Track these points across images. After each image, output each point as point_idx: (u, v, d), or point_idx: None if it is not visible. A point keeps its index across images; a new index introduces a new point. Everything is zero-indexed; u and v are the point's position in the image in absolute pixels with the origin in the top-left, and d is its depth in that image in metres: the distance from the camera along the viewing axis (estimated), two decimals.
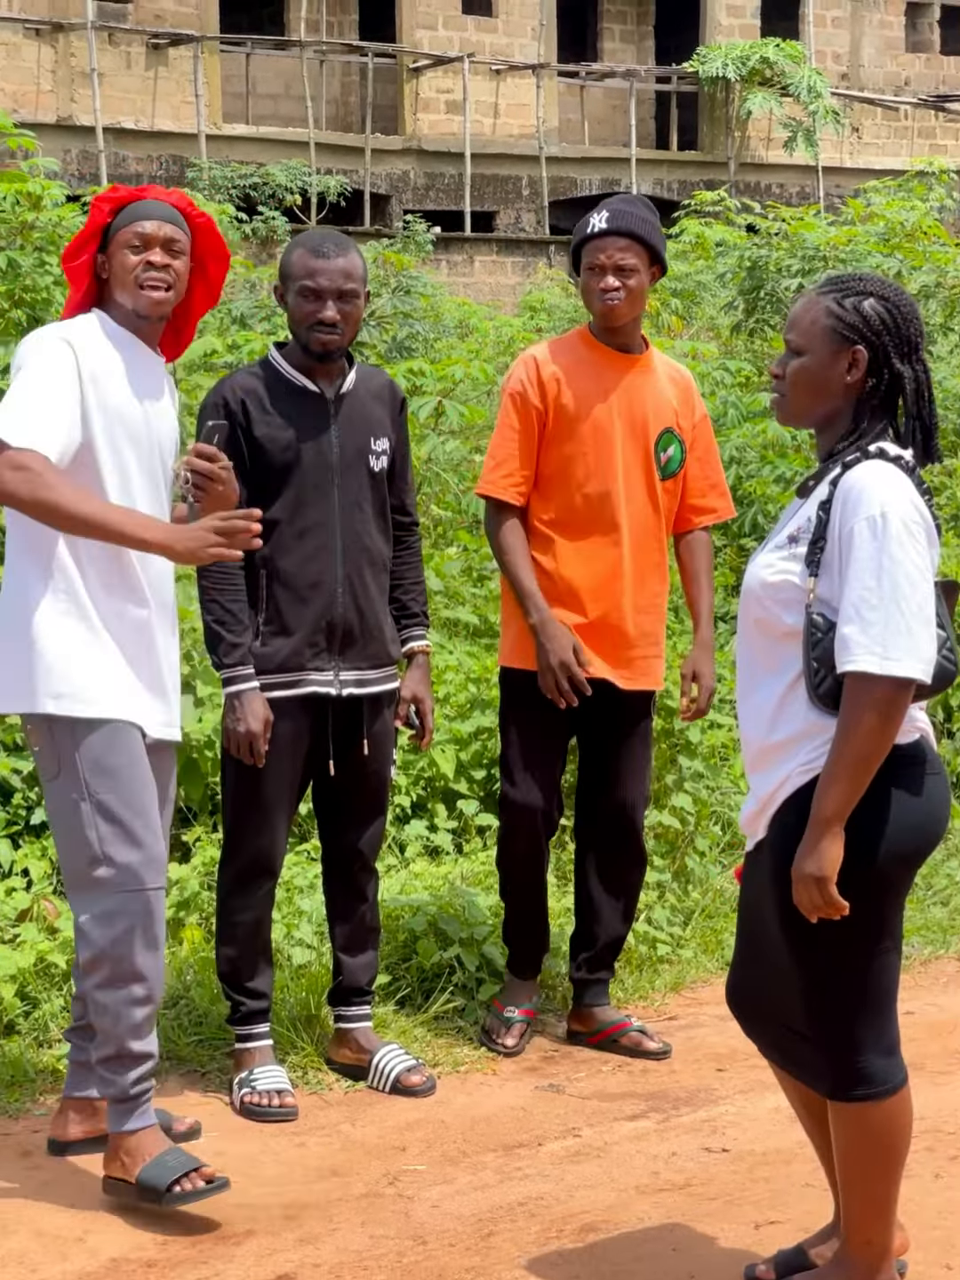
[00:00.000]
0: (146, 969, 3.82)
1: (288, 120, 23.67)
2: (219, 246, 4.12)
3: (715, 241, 14.21)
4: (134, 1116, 3.86)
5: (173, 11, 22.13)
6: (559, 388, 4.78)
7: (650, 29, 27.48)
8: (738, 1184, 4.08)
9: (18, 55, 20.84)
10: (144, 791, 3.85)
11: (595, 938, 5.03)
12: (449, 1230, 3.84)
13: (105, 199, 3.99)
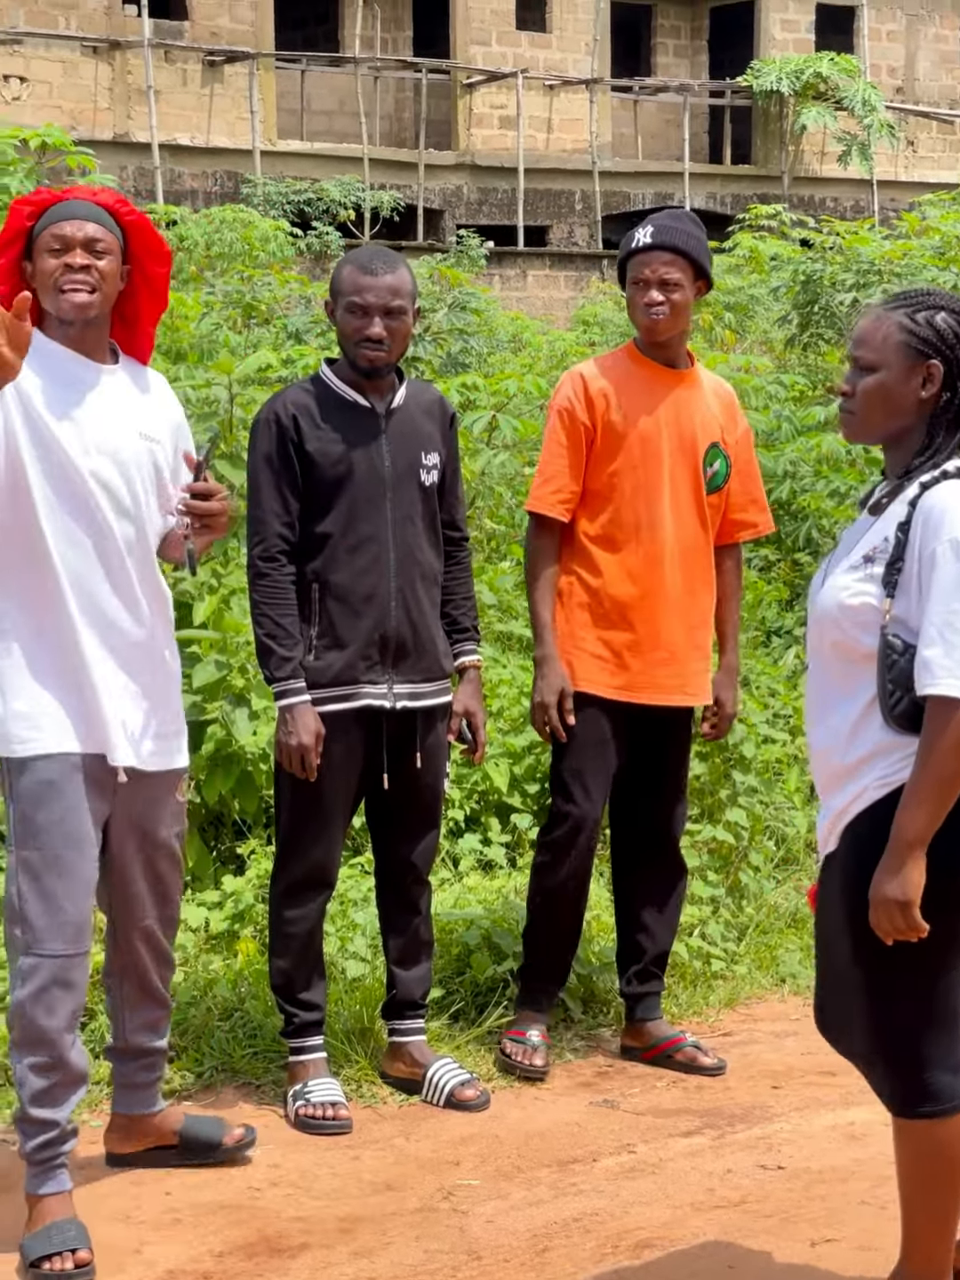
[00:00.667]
0: (52, 1037, 3.72)
1: (342, 136, 23.77)
2: (156, 244, 3.95)
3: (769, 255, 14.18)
4: (40, 1181, 3.76)
5: (228, 29, 22.27)
6: (607, 404, 4.78)
7: (704, 43, 27.48)
8: (793, 1201, 4.06)
9: (75, 73, 21.02)
10: (73, 852, 3.73)
11: (642, 951, 5.01)
12: (504, 1245, 3.83)
13: (25, 201, 3.86)
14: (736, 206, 23.82)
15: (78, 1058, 3.79)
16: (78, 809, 3.75)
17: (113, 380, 3.89)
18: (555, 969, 4.97)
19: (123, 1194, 4.03)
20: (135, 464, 3.86)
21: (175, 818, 4.02)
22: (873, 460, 8.89)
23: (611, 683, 4.81)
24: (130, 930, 4.01)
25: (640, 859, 5.01)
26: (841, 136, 25.01)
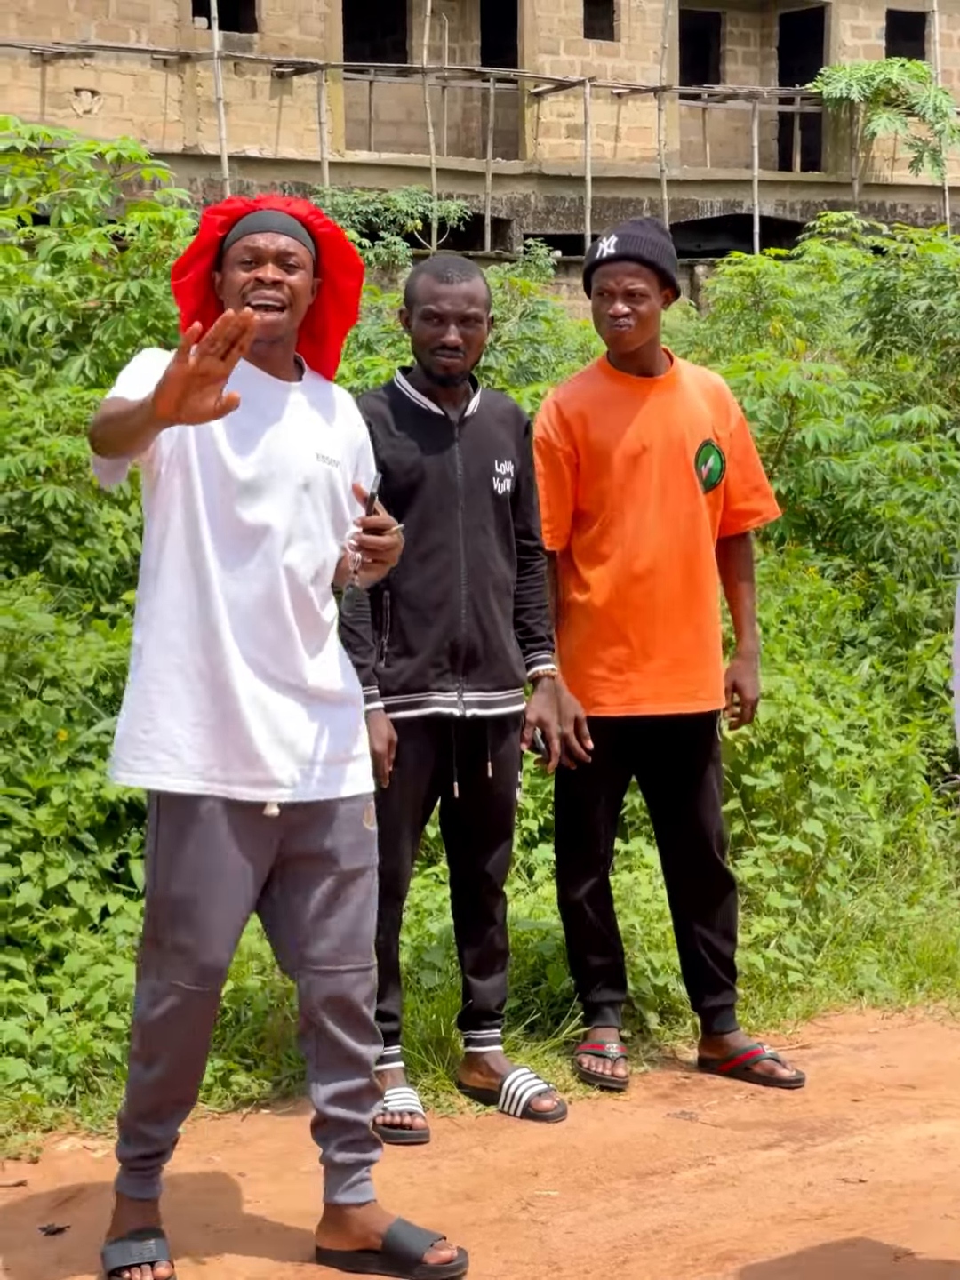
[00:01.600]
0: (174, 1060, 3.67)
1: (409, 146, 23.84)
2: (349, 258, 3.76)
3: (840, 262, 14.11)
4: (131, 1183, 3.74)
5: (297, 40, 22.38)
6: (585, 425, 4.78)
7: (774, 50, 27.41)
8: (875, 1215, 4.03)
9: (146, 86, 21.17)
10: (216, 888, 3.57)
11: (704, 961, 5.00)
12: (584, 1257, 3.82)
13: (218, 211, 3.69)
14: (806, 214, 23.74)
15: (191, 1083, 3.73)
16: (225, 841, 3.58)
17: (294, 399, 3.71)
18: (604, 978, 4.98)
19: (203, 1202, 4.05)
20: (312, 486, 3.67)
21: (360, 849, 3.75)
22: (949, 469, 8.83)
23: (614, 700, 4.81)
24: (312, 983, 3.73)
25: (683, 870, 5.01)
26: (912, 142, 24.89)
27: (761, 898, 5.80)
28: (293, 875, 3.69)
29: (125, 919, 5.04)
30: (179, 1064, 3.69)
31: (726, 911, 5.03)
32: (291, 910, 3.70)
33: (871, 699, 7.22)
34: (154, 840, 3.63)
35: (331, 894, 3.70)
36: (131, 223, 8.05)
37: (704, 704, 4.87)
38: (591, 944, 4.97)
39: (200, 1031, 3.70)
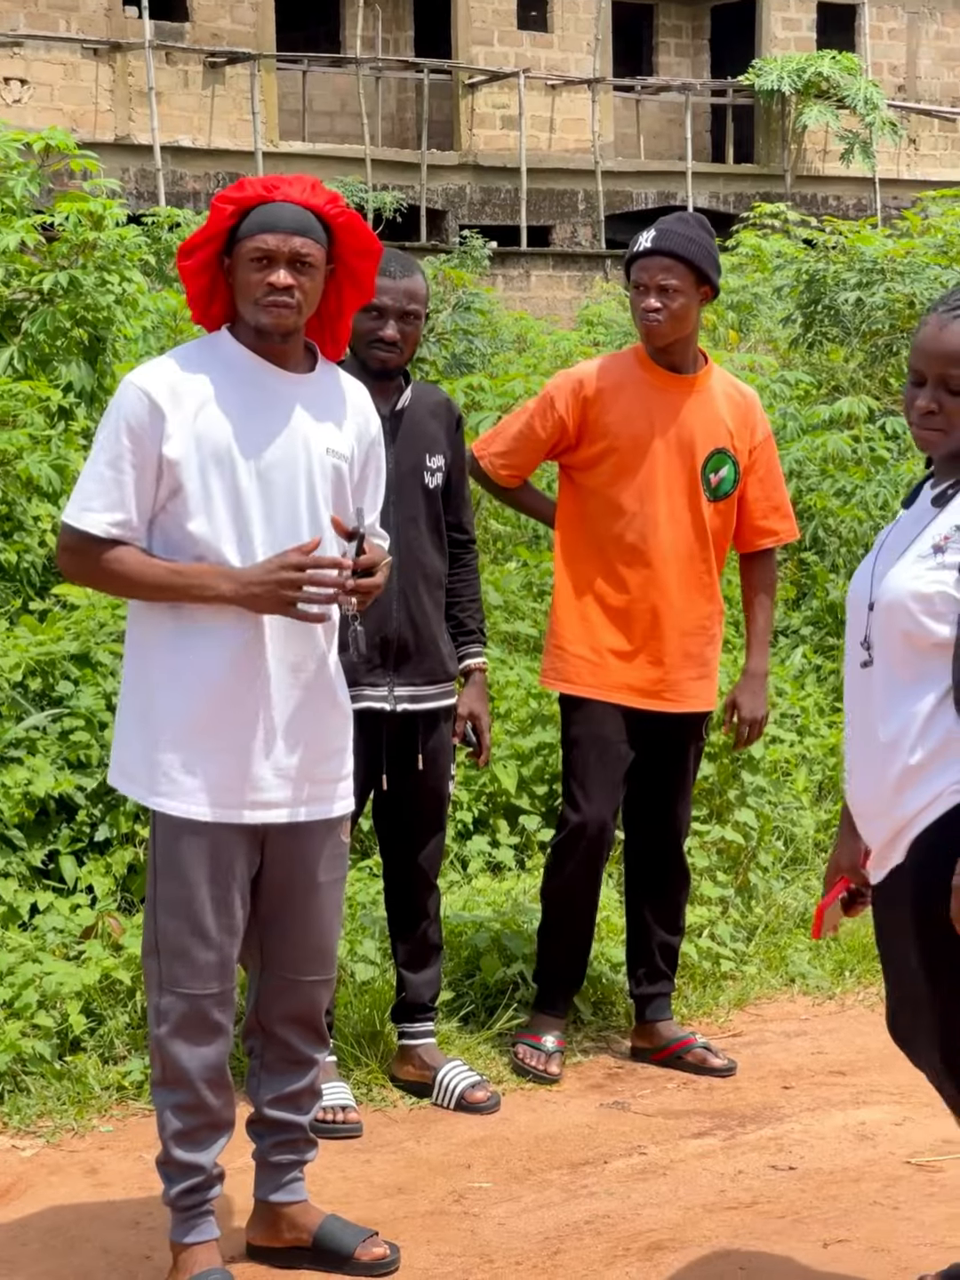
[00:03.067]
0: (193, 1077, 3.52)
1: (344, 137, 23.77)
2: (367, 243, 3.61)
3: (773, 254, 14.16)
4: (185, 1229, 3.57)
5: (229, 30, 22.27)
6: (599, 408, 4.77)
7: (706, 42, 27.48)
8: (805, 1202, 4.05)
9: (76, 75, 21.02)
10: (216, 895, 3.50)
11: (650, 950, 5.02)
12: (516, 1248, 3.82)
13: (227, 199, 3.50)
14: (739, 205, 23.81)
15: (221, 1100, 3.58)
16: (225, 853, 3.52)
17: (302, 392, 3.57)
18: (568, 972, 4.97)
19: (134, 1201, 4.02)
20: (314, 479, 3.55)
21: (336, 861, 3.70)
22: (878, 459, 8.89)
23: (594, 683, 4.81)
24: (274, 987, 3.70)
25: (645, 861, 5.02)
26: (844, 135, 25.00)
27: (695, 887, 5.81)
28: (270, 882, 3.62)
29: (55, 916, 5.01)
30: (200, 1083, 3.54)
31: (679, 904, 5.06)
32: (262, 916, 3.63)
33: (804, 688, 7.26)
34: (153, 851, 3.56)
35: (304, 905, 3.65)
36: (60, 213, 8.00)
37: (673, 705, 4.84)
38: (568, 935, 4.94)
39: (219, 1042, 3.56)
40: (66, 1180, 4.14)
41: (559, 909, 4.94)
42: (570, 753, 4.89)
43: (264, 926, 3.65)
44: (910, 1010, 3.34)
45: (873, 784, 3.31)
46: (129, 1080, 4.56)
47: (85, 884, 5.23)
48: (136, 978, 4.70)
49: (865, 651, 3.31)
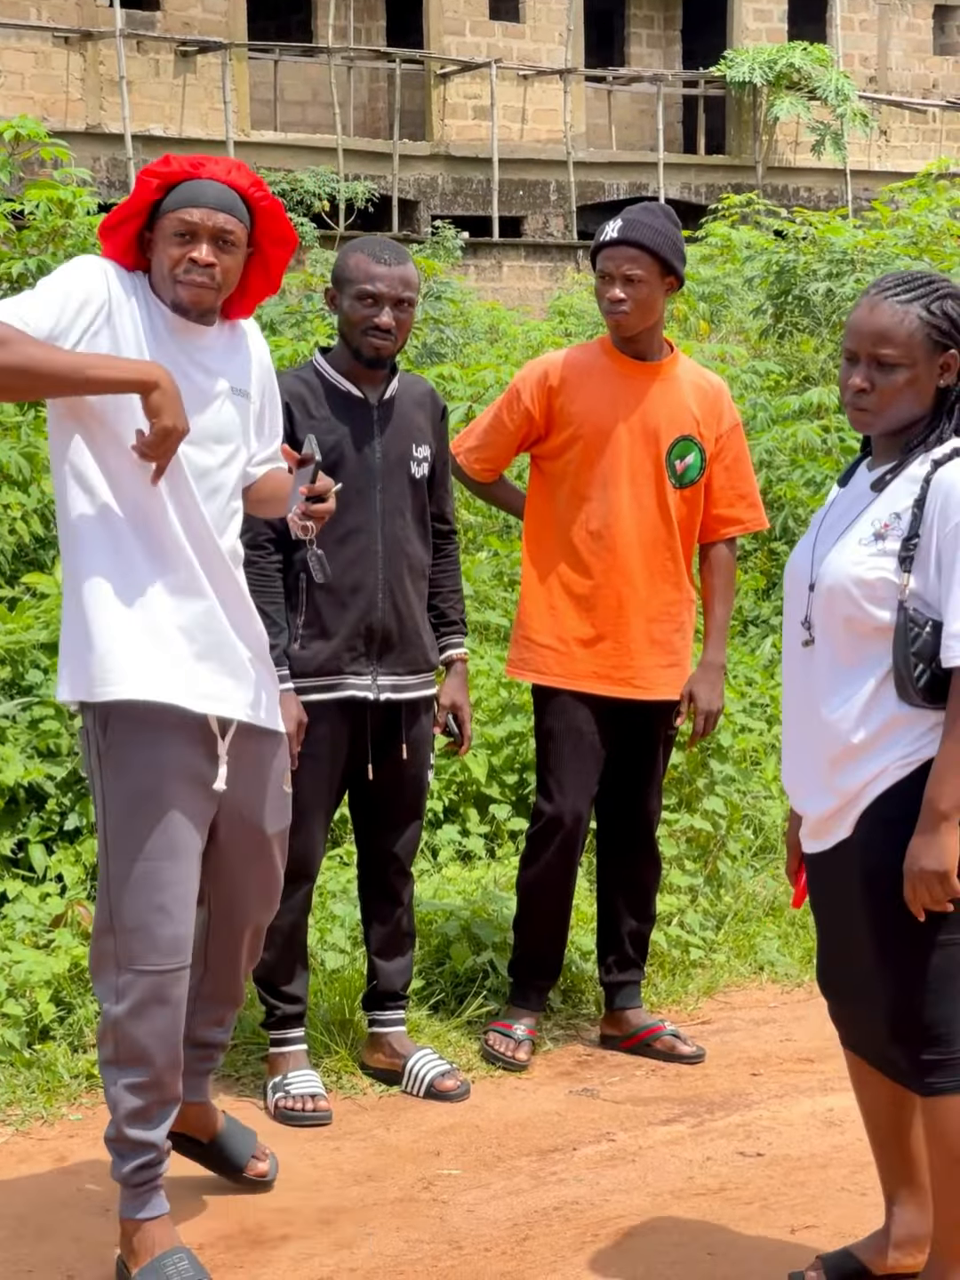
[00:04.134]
0: (151, 1056, 3.50)
1: (315, 126, 23.72)
2: (285, 231, 3.65)
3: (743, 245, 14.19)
4: (138, 1205, 3.57)
5: (201, 19, 22.20)
6: (565, 397, 4.78)
7: (677, 33, 27.47)
8: (773, 1189, 4.07)
9: (47, 64, 20.93)
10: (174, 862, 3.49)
11: (620, 938, 5.04)
12: (484, 1235, 3.84)
13: (153, 173, 3.51)
14: (711, 196, 23.82)
15: (174, 1077, 3.57)
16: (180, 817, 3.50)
17: (207, 344, 3.61)
18: (543, 964, 4.98)
19: (103, 1185, 4.02)
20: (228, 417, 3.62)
21: (281, 813, 3.78)
22: (848, 449, 8.91)
23: (561, 673, 4.82)
24: (230, 928, 3.78)
25: (616, 849, 5.03)
26: (815, 126, 25.03)
27: (664, 875, 5.83)
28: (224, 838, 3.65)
29: (24, 904, 5.01)
30: (161, 1058, 3.52)
31: (651, 890, 5.07)
32: (212, 865, 3.66)
33: (773, 678, 7.28)
34: (103, 822, 3.52)
35: (255, 856, 3.73)
36: (30, 201, 7.98)
37: (640, 692, 4.84)
38: (541, 927, 4.94)
39: (175, 1018, 3.54)
40: (36, 1168, 4.14)
41: (534, 901, 4.94)
42: (544, 745, 4.90)
43: (215, 876, 3.70)
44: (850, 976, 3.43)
45: (811, 759, 3.40)
46: (96, 1069, 4.56)
47: (55, 873, 5.23)
48: None
49: (806, 631, 3.40)
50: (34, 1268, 3.67)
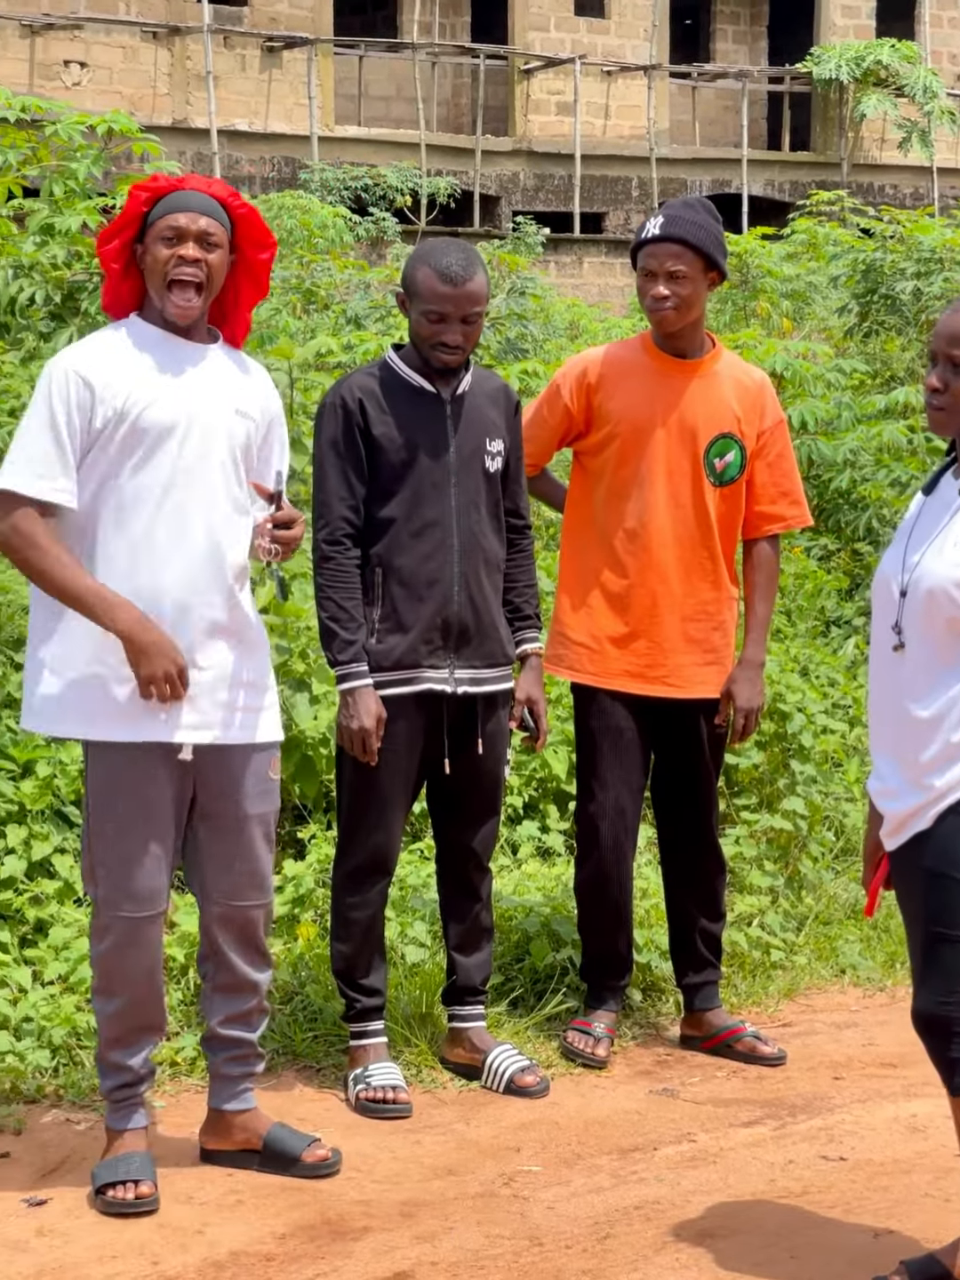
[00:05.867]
0: (130, 988, 3.93)
1: (399, 122, 23.75)
2: (262, 235, 4.03)
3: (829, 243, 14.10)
4: (118, 1116, 4.00)
5: (287, 14, 22.27)
6: (603, 394, 4.77)
7: (764, 29, 27.34)
8: (855, 1193, 4.05)
9: (135, 59, 21.06)
10: (145, 822, 3.87)
11: (692, 938, 5.02)
12: (565, 1232, 3.84)
13: (143, 187, 3.94)
14: (795, 193, 23.72)
15: (152, 1009, 3.98)
16: (153, 779, 3.86)
17: (210, 356, 3.98)
18: (611, 963, 4.96)
19: (187, 1175, 4.05)
20: (228, 434, 3.93)
21: (265, 796, 4.04)
22: (934, 449, 8.85)
23: (595, 670, 4.81)
24: (216, 914, 4.03)
25: (677, 849, 5.02)
26: (901, 123, 24.84)
27: (744, 876, 5.82)
28: (203, 816, 3.97)
29: None
30: (136, 993, 3.93)
31: (717, 891, 5.05)
32: (199, 847, 4.00)
33: (855, 679, 7.24)
34: (88, 782, 3.92)
35: (236, 835, 3.98)
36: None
37: (675, 690, 4.82)
38: (603, 926, 4.94)
39: (148, 959, 3.94)
40: None
41: (592, 901, 4.94)
42: (584, 743, 4.90)
43: (202, 858, 4.01)
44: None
45: (902, 760, 3.43)
46: (181, 1056, 4.60)
47: None
48: (190, 955, 4.73)
49: (896, 635, 3.43)
50: (119, 1253, 3.69)
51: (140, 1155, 3.94)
